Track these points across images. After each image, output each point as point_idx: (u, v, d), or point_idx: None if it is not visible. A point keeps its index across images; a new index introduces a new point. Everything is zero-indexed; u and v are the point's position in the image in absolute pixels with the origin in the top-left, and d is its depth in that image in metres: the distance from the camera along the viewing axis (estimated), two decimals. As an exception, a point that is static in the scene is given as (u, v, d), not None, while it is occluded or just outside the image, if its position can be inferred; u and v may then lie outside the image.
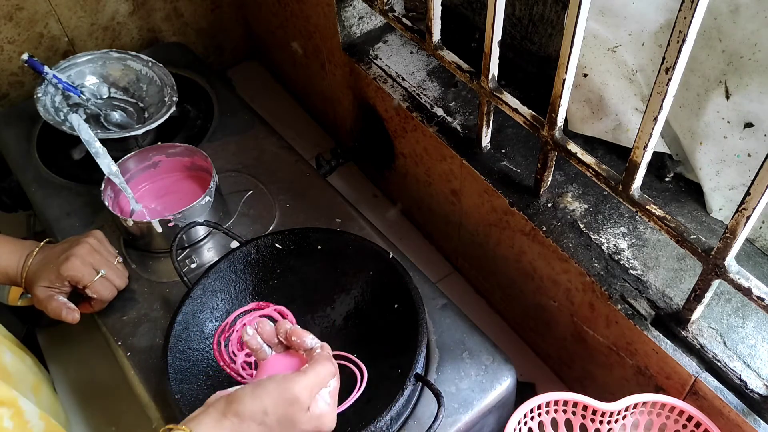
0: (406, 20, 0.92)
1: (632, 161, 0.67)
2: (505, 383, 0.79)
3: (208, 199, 0.92)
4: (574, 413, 0.76)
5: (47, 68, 1.05)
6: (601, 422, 0.75)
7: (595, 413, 0.75)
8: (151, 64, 1.13)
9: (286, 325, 0.68)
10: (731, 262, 0.63)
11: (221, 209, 0.97)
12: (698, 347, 0.72)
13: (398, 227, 1.22)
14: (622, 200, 0.72)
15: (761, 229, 0.81)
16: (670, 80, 0.58)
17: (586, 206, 0.86)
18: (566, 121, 0.91)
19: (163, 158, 1.01)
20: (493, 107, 0.86)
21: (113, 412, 0.96)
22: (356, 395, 0.75)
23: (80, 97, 1.09)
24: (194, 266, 0.93)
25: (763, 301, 0.61)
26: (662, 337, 0.74)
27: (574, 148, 0.75)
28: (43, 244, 0.85)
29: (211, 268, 0.83)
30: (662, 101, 0.60)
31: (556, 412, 0.76)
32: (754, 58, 0.73)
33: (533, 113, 0.79)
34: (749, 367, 0.70)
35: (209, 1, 1.43)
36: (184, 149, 0.99)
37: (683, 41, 0.55)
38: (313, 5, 1.13)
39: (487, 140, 0.92)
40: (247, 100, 1.22)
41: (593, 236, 0.82)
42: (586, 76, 0.86)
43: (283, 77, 1.51)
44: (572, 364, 0.95)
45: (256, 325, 0.68)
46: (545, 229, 0.84)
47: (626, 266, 0.79)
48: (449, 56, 0.87)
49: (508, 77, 1.00)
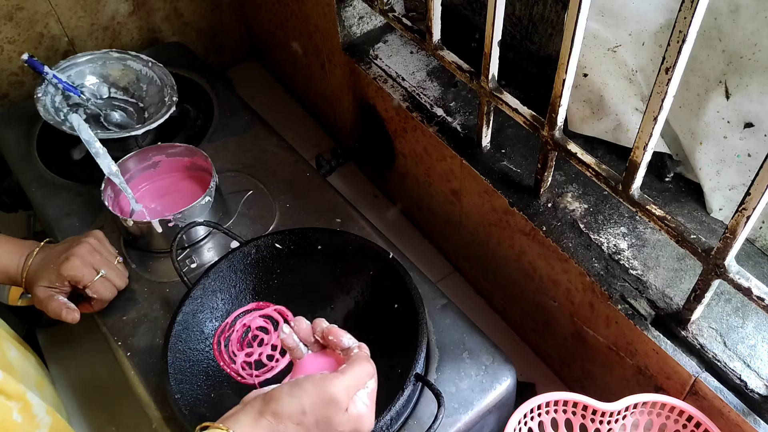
0: (406, 20, 0.92)
1: (632, 161, 0.67)
2: (505, 383, 0.79)
3: (208, 199, 0.92)
4: (574, 413, 0.76)
5: (47, 68, 1.05)
6: (601, 422, 0.75)
7: (595, 413, 0.75)
8: (151, 64, 1.13)
9: (322, 323, 0.67)
10: (731, 262, 0.63)
11: (221, 209, 0.97)
12: (698, 347, 0.72)
13: (398, 227, 1.22)
14: (622, 200, 0.72)
15: (761, 229, 0.81)
16: (670, 80, 0.58)
17: (586, 206, 0.86)
18: (566, 121, 0.91)
19: (163, 158, 1.01)
20: (493, 107, 0.86)
21: (113, 412, 0.96)
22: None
23: (80, 97, 1.09)
24: (194, 266, 0.93)
25: (763, 301, 0.61)
26: (662, 337, 0.74)
27: (574, 148, 0.75)
28: (43, 244, 0.85)
29: (211, 268, 0.83)
30: (662, 101, 0.60)
31: (556, 412, 0.76)
32: (754, 58, 0.73)
33: (533, 113, 0.79)
34: (749, 367, 0.70)
35: (209, 1, 1.43)
36: (184, 149, 0.99)
37: (683, 41, 0.55)
38: (313, 5, 1.13)
39: (487, 140, 0.92)
40: (247, 100, 1.22)
41: (593, 236, 0.82)
42: (586, 76, 0.86)
43: (283, 77, 1.51)
44: (572, 364, 0.95)
45: (292, 323, 0.67)
46: (545, 229, 0.84)
47: (626, 266, 0.79)
48: (449, 56, 0.87)
49: (508, 77, 1.00)
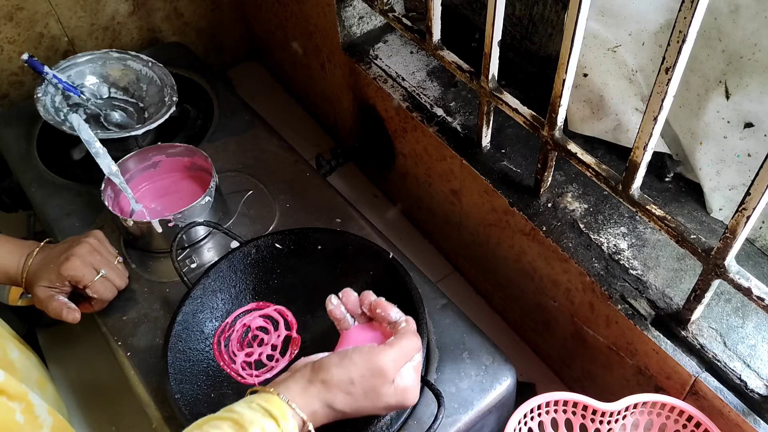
0: (406, 20, 0.92)
1: (632, 161, 0.67)
2: (505, 383, 0.79)
3: (208, 199, 0.92)
4: (574, 413, 0.76)
5: (47, 68, 1.05)
6: (601, 422, 0.75)
7: (595, 413, 0.75)
8: (151, 64, 1.13)
9: (371, 296, 0.69)
10: (731, 262, 0.63)
11: (221, 209, 0.97)
12: (698, 347, 0.72)
13: (398, 227, 1.22)
14: (622, 200, 0.72)
15: (761, 229, 0.81)
16: (670, 80, 0.58)
17: (586, 206, 0.86)
18: (566, 121, 0.91)
19: (163, 158, 1.01)
20: (493, 107, 0.86)
21: (113, 412, 0.96)
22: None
23: (80, 97, 1.09)
24: (194, 266, 0.93)
25: (763, 301, 0.61)
26: (662, 337, 0.74)
27: (574, 148, 0.75)
28: (43, 244, 0.85)
29: (211, 268, 0.83)
30: (662, 101, 0.60)
31: (556, 412, 0.76)
32: (754, 58, 0.73)
33: (533, 113, 0.79)
34: (749, 367, 0.70)
35: (209, 1, 1.43)
36: (184, 149, 0.99)
37: (683, 41, 0.55)
38: (313, 5, 1.13)
39: (487, 140, 0.92)
40: (247, 100, 1.22)
41: (593, 236, 0.82)
42: (586, 76, 0.86)
43: (283, 77, 1.51)
44: (572, 364, 0.95)
45: (340, 294, 0.69)
46: (545, 229, 0.84)
47: (626, 266, 0.79)
48: (449, 56, 0.87)
49: (508, 77, 1.00)
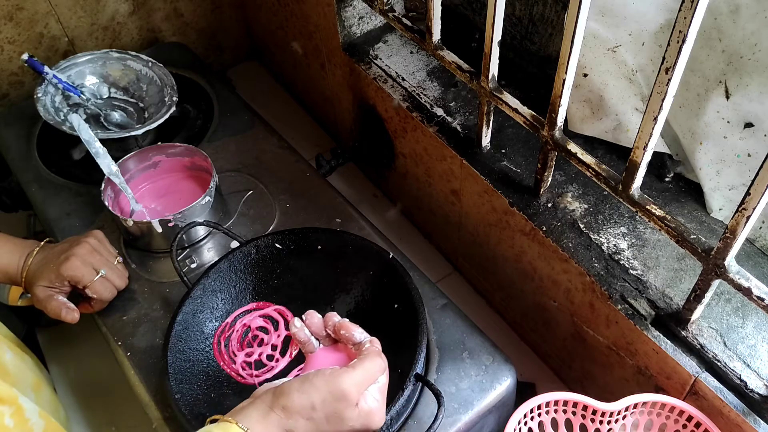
0: (406, 20, 0.92)
1: (632, 161, 0.67)
2: (505, 383, 0.79)
3: (208, 199, 0.92)
4: (574, 413, 0.76)
5: (47, 68, 1.05)
6: (601, 422, 0.75)
7: (595, 413, 0.75)
8: (151, 64, 1.13)
9: (334, 318, 0.67)
10: (731, 262, 0.63)
11: (221, 209, 0.97)
12: (698, 347, 0.72)
13: (398, 227, 1.22)
14: (622, 200, 0.72)
15: (761, 229, 0.81)
16: (670, 80, 0.58)
17: (586, 206, 0.86)
18: (566, 121, 0.91)
19: (163, 158, 1.01)
20: (493, 107, 0.86)
21: (113, 412, 0.96)
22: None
23: (80, 97, 1.09)
24: (194, 266, 0.93)
25: (763, 301, 0.61)
26: (662, 337, 0.74)
27: (574, 148, 0.75)
28: (43, 243, 0.85)
29: (211, 268, 0.83)
30: (662, 101, 0.60)
31: (556, 412, 0.76)
32: (754, 58, 0.73)
33: (533, 113, 0.79)
34: (749, 367, 0.70)
35: (209, 1, 1.43)
36: (184, 149, 0.99)
37: (683, 41, 0.55)
38: (313, 5, 1.13)
39: (487, 140, 0.92)
40: (247, 100, 1.22)
41: (593, 236, 0.82)
42: (586, 76, 0.86)
43: (283, 77, 1.51)
44: (572, 364, 0.95)
45: (304, 317, 0.67)
46: (545, 229, 0.84)
47: (626, 266, 0.79)
48: (449, 56, 0.87)
49: (508, 77, 1.00)
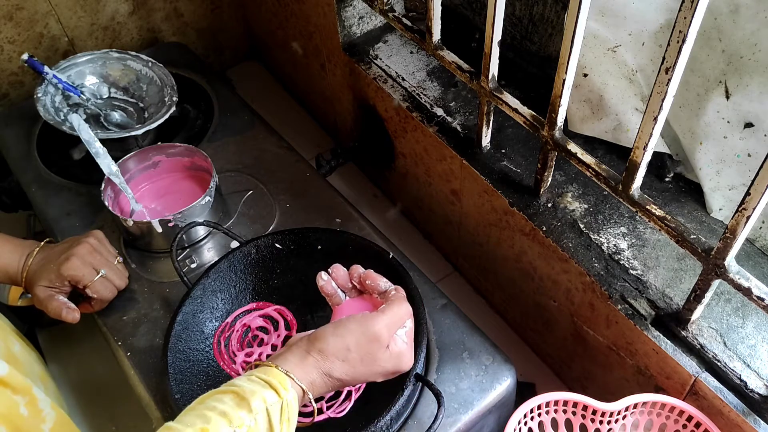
0: (406, 20, 0.92)
1: (632, 161, 0.67)
2: (505, 383, 0.79)
3: (208, 199, 0.92)
4: (574, 413, 0.76)
5: (47, 68, 1.05)
6: (601, 422, 0.75)
7: (595, 413, 0.75)
8: (151, 64, 1.13)
9: (359, 269, 0.71)
10: (731, 262, 0.63)
11: (221, 209, 0.97)
12: (698, 347, 0.72)
13: (398, 227, 1.22)
14: (622, 200, 0.72)
15: (761, 229, 0.81)
16: (670, 80, 0.58)
17: (586, 206, 0.86)
18: (566, 121, 0.91)
19: (163, 158, 1.01)
20: (493, 107, 0.86)
21: (113, 411, 0.96)
22: (356, 395, 0.75)
23: (80, 97, 1.09)
24: (194, 266, 0.93)
25: (763, 301, 0.61)
26: (662, 337, 0.74)
27: (574, 148, 0.75)
28: (43, 243, 0.85)
29: (211, 268, 0.83)
30: (662, 101, 0.60)
31: (556, 412, 0.76)
32: (754, 58, 0.73)
33: (533, 113, 0.79)
34: (749, 367, 0.70)
35: (209, 1, 1.43)
36: (184, 149, 0.99)
37: (683, 41, 0.55)
38: (313, 5, 1.13)
39: (487, 140, 0.92)
40: (247, 100, 1.22)
41: (593, 236, 0.82)
42: (586, 76, 0.86)
43: (283, 77, 1.51)
44: (572, 364, 0.95)
45: (330, 270, 0.71)
46: (545, 229, 0.84)
47: (626, 266, 0.79)
48: (449, 56, 0.87)
49: (508, 77, 1.00)
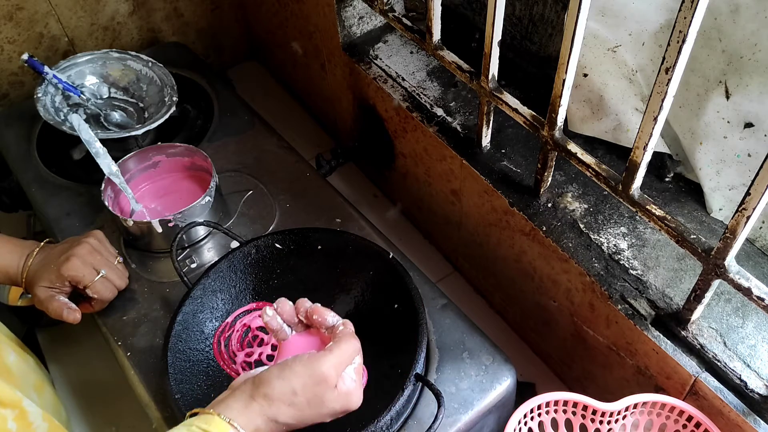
0: (406, 20, 0.92)
1: (632, 161, 0.67)
2: (505, 383, 0.79)
3: (208, 199, 0.92)
4: (574, 413, 0.76)
5: (47, 68, 1.05)
6: (601, 422, 0.75)
7: (595, 413, 0.75)
8: (151, 64, 1.13)
9: (306, 303, 0.68)
10: (731, 262, 0.63)
11: (221, 209, 0.97)
12: (698, 347, 0.72)
13: (398, 227, 1.22)
14: (622, 200, 0.72)
15: (761, 229, 0.81)
16: (670, 80, 0.58)
17: (586, 206, 0.86)
18: (566, 121, 0.91)
19: (163, 158, 1.01)
20: (493, 107, 0.86)
21: (113, 412, 0.96)
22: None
23: (80, 97, 1.09)
24: (194, 266, 0.93)
25: (763, 301, 0.61)
26: (662, 337, 0.74)
27: (574, 148, 0.75)
28: (43, 244, 0.85)
29: (211, 268, 0.83)
30: (662, 101, 0.60)
31: (556, 412, 0.76)
32: (754, 58, 0.73)
33: (533, 113, 0.79)
34: (749, 367, 0.70)
35: (209, 1, 1.43)
36: (184, 149, 0.99)
37: (683, 41, 0.55)
38: (313, 5, 1.13)
39: (487, 140, 0.92)
40: (247, 100, 1.22)
41: (593, 236, 0.82)
42: (586, 76, 0.86)
43: (283, 77, 1.51)
44: (572, 364, 0.95)
45: (275, 305, 0.68)
46: (545, 229, 0.84)
47: (626, 266, 0.79)
48: (449, 56, 0.87)
49: (508, 77, 1.00)
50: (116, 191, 0.95)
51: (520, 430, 0.74)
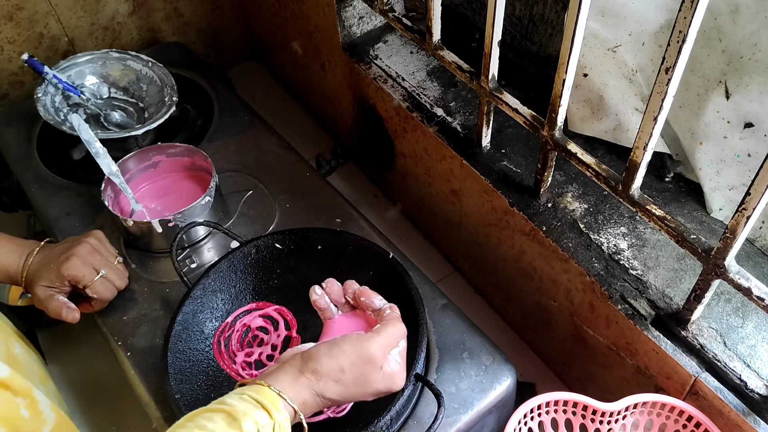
0: (406, 20, 0.92)
1: (632, 161, 0.67)
2: (505, 383, 0.79)
3: (208, 199, 0.92)
4: (574, 413, 0.76)
5: (47, 68, 1.05)
6: (601, 422, 0.75)
7: (595, 413, 0.75)
8: (151, 64, 1.13)
9: (354, 285, 0.71)
10: (731, 262, 0.63)
11: (221, 209, 0.97)
12: (698, 347, 0.72)
13: (398, 227, 1.22)
14: (622, 200, 0.72)
15: (761, 229, 0.81)
16: (670, 80, 0.58)
17: (586, 206, 0.86)
18: (566, 121, 0.91)
19: (163, 158, 1.01)
20: (493, 107, 0.86)
21: (113, 412, 0.96)
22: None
23: (80, 97, 1.09)
24: (194, 266, 0.93)
25: (763, 301, 0.61)
26: (662, 337, 0.74)
27: (574, 148, 0.75)
28: (43, 243, 0.85)
29: (211, 268, 0.83)
30: (662, 101, 0.60)
31: (556, 412, 0.76)
32: (754, 58, 0.73)
33: (533, 113, 0.79)
34: (749, 367, 0.70)
35: (209, 1, 1.43)
36: (184, 149, 0.99)
37: (683, 41, 0.55)
38: (313, 5, 1.13)
39: (487, 140, 0.92)
40: (247, 100, 1.22)
41: (593, 236, 0.82)
42: (586, 76, 0.86)
43: (283, 77, 1.51)
44: (572, 364, 0.95)
45: (324, 284, 0.71)
46: (545, 229, 0.84)
47: (626, 266, 0.79)
48: (449, 56, 0.87)
49: (508, 77, 1.00)
50: (116, 191, 0.95)
51: (520, 430, 0.74)
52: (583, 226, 0.84)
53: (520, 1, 0.95)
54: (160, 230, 0.90)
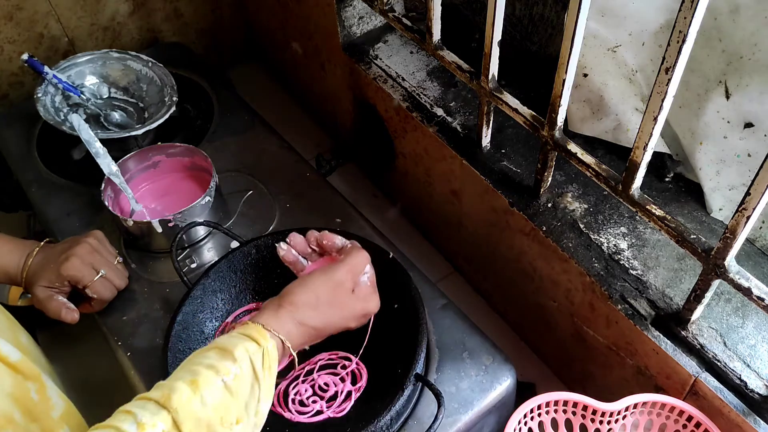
0: (406, 20, 0.92)
1: (632, 161, 0.67)
2: (505, 383, 0.79)
3: (208, 199, 0.92)
4: (574, 413, 0.76)
5: (47, 68, 1.05)
6: (601, 422, 0.75)
7: (595, 413, 0.75)
8: (151, 64, 1.13)
9: (314, 233, 0.76)
10: (731, 262, 0.63)
11: (221, 209, 0.97)
12: (698, 347, 0.72)
13: (398, 227, 1.22)
14: (622, 200, 0.72)
15: (761, 229, 0.81)
16: (670, 80, 0.58)
17: (586, 206, 0.86)
18: (566, 121, 0.91)
19: (163, 158, 1.01)
20: (493, 107, 0.86)
21: (113, 411, 0.95)
22: (356, 395, 0.75)
23: (80, 97, 1.09)
24: (194, 266, 0.93)
25: (763, 301, 0.61)
26: (662, 337, 0.74)
27: (574, 148, 0.75)
28: (43, 243, 0.85)
29: (211, 268, 0.83)
30: (662, 101, 0.60)
31: (556, 412, 0.76)
32: (754, 58, 0.73)
33: (533, 113, 0.79)
34: (749, 367, 0.70)
35: (209, 1, 1.43)
36: (184, 149, 0.99)
37: (683, 41, 0.55)
38: (313, 5, 1.13)
39: (487, 140, 0.92)
40: (247, 100, 1.22)
41: (593, 236, 0.82)
42: (586, 76, 0.86)
43: (283, 77, 1.51)
44: (572, 364, 0.95)
45: (288, 239, 0.76)
46: (545, 229, 0.84)
47: (626, 266, 0.79)
48: (449, 56, 0.87)
49: (508, 77, 1.00)
50: (116, 191, 0.95)
51: (520, 430, 0.74)
52: (583, 226, 0.84)
53: (520, 1, 0.95)
54: (160, 230, 0.90)
